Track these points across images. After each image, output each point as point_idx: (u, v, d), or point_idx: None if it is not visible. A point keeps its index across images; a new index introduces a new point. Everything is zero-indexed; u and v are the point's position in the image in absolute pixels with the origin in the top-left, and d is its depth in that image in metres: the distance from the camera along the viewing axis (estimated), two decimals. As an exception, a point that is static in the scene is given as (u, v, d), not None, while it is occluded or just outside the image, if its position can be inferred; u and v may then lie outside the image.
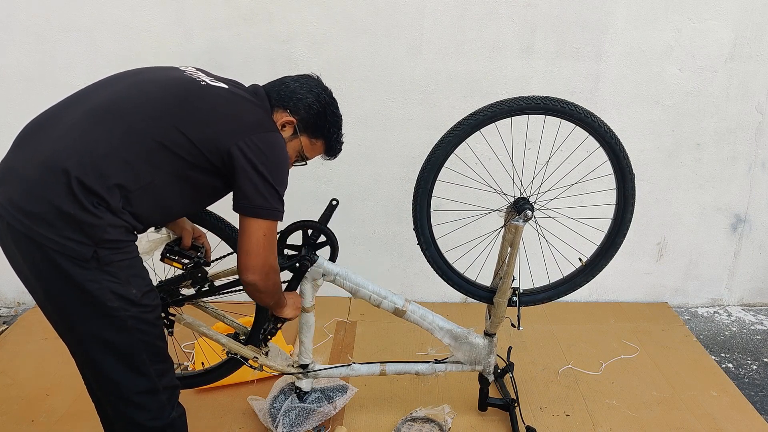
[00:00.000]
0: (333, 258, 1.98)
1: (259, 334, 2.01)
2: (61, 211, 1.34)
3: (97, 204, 1.36)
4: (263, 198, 1.51)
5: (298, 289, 1.98)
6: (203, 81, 1.54)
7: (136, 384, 1.51)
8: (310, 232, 1.96)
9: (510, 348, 2.44)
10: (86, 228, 1.35)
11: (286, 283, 1.98)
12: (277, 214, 1.55)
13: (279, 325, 1.95)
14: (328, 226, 1.94)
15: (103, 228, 1.37)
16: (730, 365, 2.65)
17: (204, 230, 1.90)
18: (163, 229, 1.82)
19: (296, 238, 1.96)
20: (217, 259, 1.98)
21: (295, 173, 2.83)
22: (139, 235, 1.52)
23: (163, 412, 1.56)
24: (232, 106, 1.53)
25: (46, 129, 1.44)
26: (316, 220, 1.94)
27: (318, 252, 1.97)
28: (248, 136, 1.47)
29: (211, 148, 1.46)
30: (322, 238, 1.96)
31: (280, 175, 1.54)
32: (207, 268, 1.93)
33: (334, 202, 1.94)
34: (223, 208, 2.06)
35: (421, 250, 2.03)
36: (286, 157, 1.58)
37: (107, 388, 1.52)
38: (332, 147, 1.79)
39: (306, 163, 1.76)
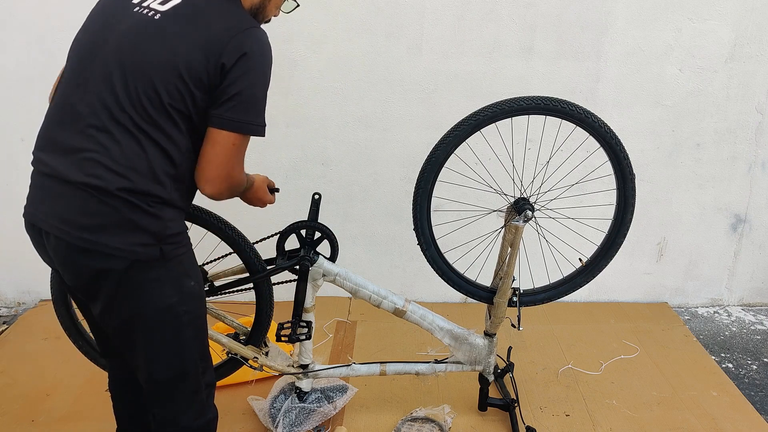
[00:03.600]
0: (334, 253, 1.99)
1: (259, 335, 2.01)
2: (123, 219, 1.31)
3: (153, 203, 1.33)
4: (251, 113, 1.38)
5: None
6: (157, 14, 1.35)
7: (184, 385, 1.49)
8: (304, 232, 1.96)
9: (510, 348, 2.44)
10: (150, 228, 1.33)
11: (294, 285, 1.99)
12: (261, 129, 1.41)
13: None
14: (319, 221, 1.94)
15: (164, 224, 1.35)
16: (730, 365, 2.65)
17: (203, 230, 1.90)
18: None
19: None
20: (217, 259, 1.98)
21: (294, 174, 2.85)
22: None
23: (204, 411, 1.54)
24: (198, 20, 1.34)
25: (67, 133, 1.34)
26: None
27: (319, 248, 1.98)
28: (233, 40, 1.33)
29: (197, 75, 1.31)
30: (318, 235, 1.96)
31: (267, 79, 1.43)
32: (207, 268, 1.94)
33: (317, 196, 1.94)
34: (223, 207, 2.06)
35: (421, 250, 2.03)
36: (271, 57, 1.46)
37: (156, 391, 1.49)
38: None
39: (298, 4, 1.62)
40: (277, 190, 1.90)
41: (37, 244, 1.43)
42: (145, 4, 1.37)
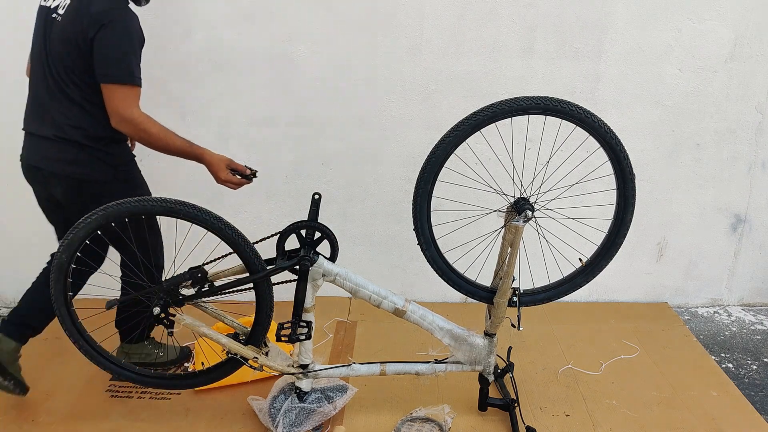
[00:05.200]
0: (333, 253, 1.99)
1: (259, 335, 2.01)
2: (89, 156, 2.05)
3: (105, 144, 2.07)
4: (112, 68, 1.90)
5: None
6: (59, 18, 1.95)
7: None
8: (304, 232, 1.96)
9: (510, 348, 2.44)
10: (107, 160, 2.08)
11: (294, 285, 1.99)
12: (127, 78, 1.91)
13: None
14: (319, 221, 1.94)
15: (113, 157, 2.12)
16: (730, 365, 2.65)
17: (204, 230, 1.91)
18: None
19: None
20: (217, 259, 1.98)
21: (294, 174, 2.85)
22: None
23: None
24: (78, 10, 1.90)
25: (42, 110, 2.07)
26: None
27: (319, 248, 1.98)
28: (94, 18, 1.87)
29: (84, 49, 1.90)
30: (318, 235, 1.96)
31: (125, 42, 1.90)
32: (207, 268, 1.94)
33: (317, 196, 1.94)
34: (224, 207, 2.05)
35: (421, 250, 2.03)
36: (131, 26, 1.92)
37: None
38: None
39: None
40: (253, 174, 2.11)
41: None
42: (53, 16, 1.98)
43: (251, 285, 1.93)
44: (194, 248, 2.14)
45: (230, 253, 1.92)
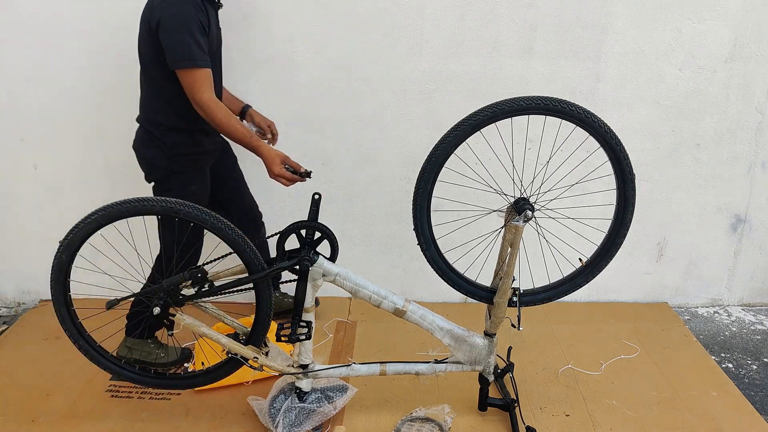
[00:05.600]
0: (333, 252, 1.99)
1: (259, 335, 2.01)
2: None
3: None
4: (174, 55, 2.00)
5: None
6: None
7: None
8: (304, 232, 1.96)
9: (510, 348, 2.44)
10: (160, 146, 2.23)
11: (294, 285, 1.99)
12: (189, 63, 2.00)
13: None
14: (319, 221, 1.95)
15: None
16: (730, 365, 2.65)
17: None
18: None
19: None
20: (216, 259, 1.98)
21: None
22: None
23: None
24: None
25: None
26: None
27: (319, 248, 1.98)
28: (153, 13, 2.01)
29: (154, 38, 2.04)
30: (318, 235, 1.96)
31: (180, 27, 1.97)
32: (207, 268, 1.94)
33: (317, 196, 1.95)
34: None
35: (421, 250, 2.03)
36: (182, 11, 1.97)
37: None
38: None
39: None
40: (307, 174, 2.12)
41: None
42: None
43: (251, 285, 1.93)
44: (194, 248, 2.14)
45: (230, 253, 1.92)
